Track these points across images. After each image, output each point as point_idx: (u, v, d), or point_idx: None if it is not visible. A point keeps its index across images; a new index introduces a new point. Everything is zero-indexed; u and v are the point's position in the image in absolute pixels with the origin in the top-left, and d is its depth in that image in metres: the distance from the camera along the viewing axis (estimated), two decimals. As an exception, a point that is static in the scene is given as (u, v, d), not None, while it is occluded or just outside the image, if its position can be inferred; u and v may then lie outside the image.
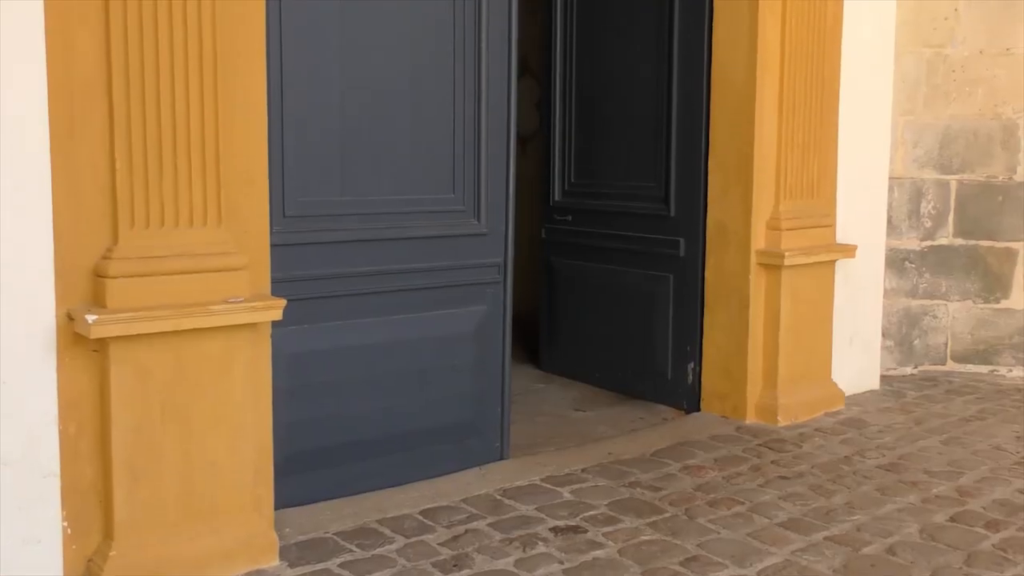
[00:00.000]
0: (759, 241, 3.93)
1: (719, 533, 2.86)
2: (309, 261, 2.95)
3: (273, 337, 2.64)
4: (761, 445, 3.70)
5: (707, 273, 4.07)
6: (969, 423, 4.09)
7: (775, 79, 3.89)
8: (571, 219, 4.59)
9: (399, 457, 3.20)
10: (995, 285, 4.89)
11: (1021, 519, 3.01)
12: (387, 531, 2.82)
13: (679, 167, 4.10)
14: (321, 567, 2.58)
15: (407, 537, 2.78)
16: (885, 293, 4.76)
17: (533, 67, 5.43)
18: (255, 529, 2.59)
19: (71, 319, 2.31)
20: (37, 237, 2.29)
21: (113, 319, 2.28)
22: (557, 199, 4.69)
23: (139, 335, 2.34)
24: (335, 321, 3.04)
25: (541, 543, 2.77)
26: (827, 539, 2.83)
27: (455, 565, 2.61)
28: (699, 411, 4.12)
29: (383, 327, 3.15)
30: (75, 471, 2.37)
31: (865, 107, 4.40)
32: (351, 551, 2.68)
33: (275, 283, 2.68)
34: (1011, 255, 4.85)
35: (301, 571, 2.56)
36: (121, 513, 2.38)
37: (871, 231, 4.52)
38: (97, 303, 2.34)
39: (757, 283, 3.95)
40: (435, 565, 2.61)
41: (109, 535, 2.39)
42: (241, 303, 2.49)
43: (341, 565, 2.60)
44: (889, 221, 4.77)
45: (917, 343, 4.96)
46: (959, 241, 4.90)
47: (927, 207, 4.88)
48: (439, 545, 2.74)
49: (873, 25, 4.41)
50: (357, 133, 3.04)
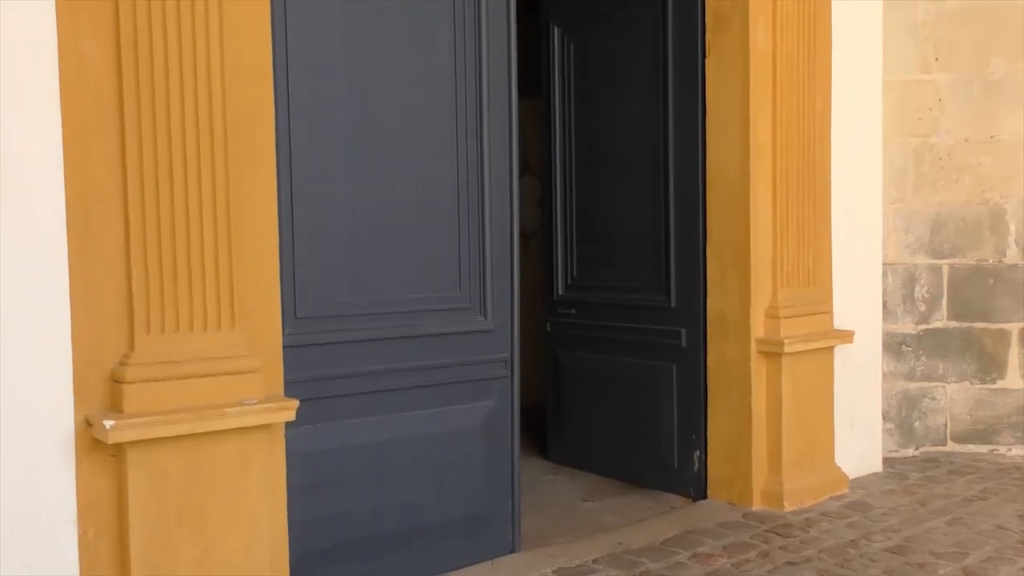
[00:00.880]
0: (759, 329, 4.00)
1: (732, 625, 2.86)
2: (321, 361, 3.00)
3: (287, 436, 2.69)
4: (768, 531, 3.71)
5: (709, 362, 4.13)
6: (972, 503, 4.10)
7: (768, 170, 4.02)
8: (575, 312, 4.68)
9: (412, 552, 3.21)
10: (991, 366, 4.95)
11: (1032, 604, 3.01)
12: (400, 630, 2.82)
13: (678, 258, 4.20)
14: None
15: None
16: (884, 376, 4.82)
17: (534, 164, 5.58)
18: (271, 629, 2.59)
19: (89, 424, 2.36)
20: (57, 345, 2.35)
21: (130, 424, 2.32)
22: (561, 293, 4.78)
23: (156, 439, 2.38)
24: (346, 419, 3.08)
25: (554, 639, 2.76)
26: (840, 629, 2.83)
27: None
28: (706, 498, 4.14)
29: (393, 424, 3.19)
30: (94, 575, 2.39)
31: (856, 196, 4.53)
32: (365, 652, 2.67)
33: (288, 384, 2.73)
34: (1005, 336, 4.93)
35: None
36: (138, 617, 2.39)
37: (868, 316, 4.61)
38: (114, 408, 2.38)
39: (758, 371, 4.01)
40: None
41: (126, 639, 2.39)
42: (255, 405, 2.53)
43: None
44: (885, 306, 4.86)
45: (917, 425, 5.00)
46: (953, 324, 4.98)
47: (921, 291, 4.98)
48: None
49: (860, 117, 4.57)
50: (365, 231, 3.12)
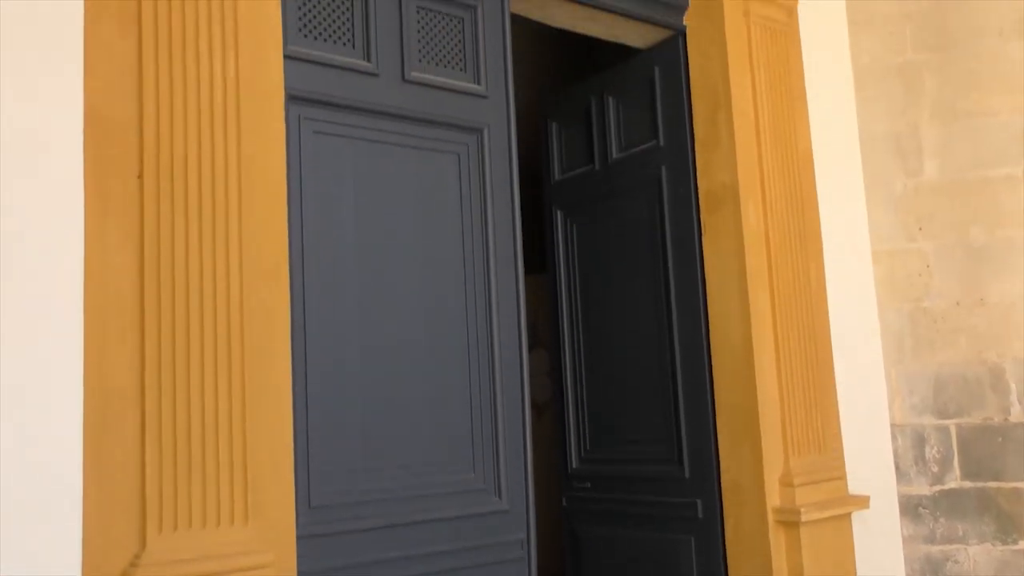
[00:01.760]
0: (774, 498, 4.00)
1: None
2: (334, 551, 3.00)
3: (304, 629, 2.65)
4: None
5: (727, 533, 4.09)
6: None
7: (770, 339, 4.13)
8: (590, 485, 4.67)
9: None
10: (1010, 527, 4.89)
11: None
12: None
13: (689, 428, 4.24)
14: None
15: None
16: (904, 540, 4.75)
17: (543, 337, 5.70)
18: None
19: (104, 626, 2.34)
20: (67, 548, 2.37)
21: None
22: (575, 466, 4.79)
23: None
24: (361, 609, 3.04)
25: None
26: None
27: None
28: (734, 677, 4.00)
29: (411, 612, 3.14)
30: None
31: (858, 360, 4.63)
32: None
33: (301, 575, 2.72)
34: (1020, 496, 4.89)
35: None
36: None
37: (881, 480, 4.60)
38: (126, 607, 2.38)
39: (777, 541, 3.97)
40: None
41: None
42: (270, 600, 2.52)
43: None
44: (897, 468, 4.86)
45: (944, 591, 4.89)
46: (968, 484, 4.95)
47: (931, 452, 4.98)
48: None
49: (854, 284, 4.74)
50: (378, 414, 3.19)
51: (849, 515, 4.23)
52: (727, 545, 4.09)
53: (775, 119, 4.31)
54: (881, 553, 4.50)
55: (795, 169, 4.38)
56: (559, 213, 4.95)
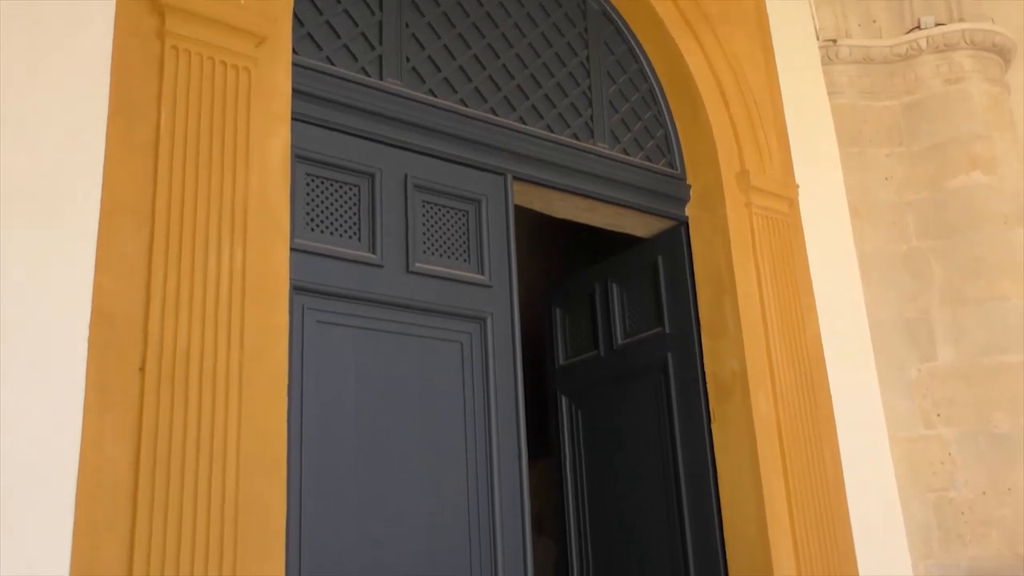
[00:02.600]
0: None
1: None
2: None
3: None
4: None
5: None
6: None
7: (787, 531, 3.98)
8: None
9: None
10: None
11: None
12: None
13: (704, 629, 4.03)
14: None
15: None
16: None
17: (548, 527, 5.54)
18: None
19: None
20: None
21: None
22: (583, 668, 4.54)
23: None
24: None
25: None
26: None
27: None
28: None
29: None
30: None
31: (883, 553, 4.44)
32: None
33: None
34: None
35: None
36: None
37: None
38: None
39: None
40: None
41: None
42: None
43: None
44: (933, 673, 4.55)
45: None
46: None
47: (969, 655, 4.67)
48: None
49: (872, 473, 4.60)
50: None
51: None
52: None
53: (781, 305, 4.34)
54: None
55: (805, 355, 4.37)
56: (564, 399, 4.93)
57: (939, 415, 4.96)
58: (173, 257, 2.75)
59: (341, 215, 3.37)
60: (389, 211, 3.47)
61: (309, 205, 3.30)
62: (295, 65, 3.26)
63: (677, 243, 4.42)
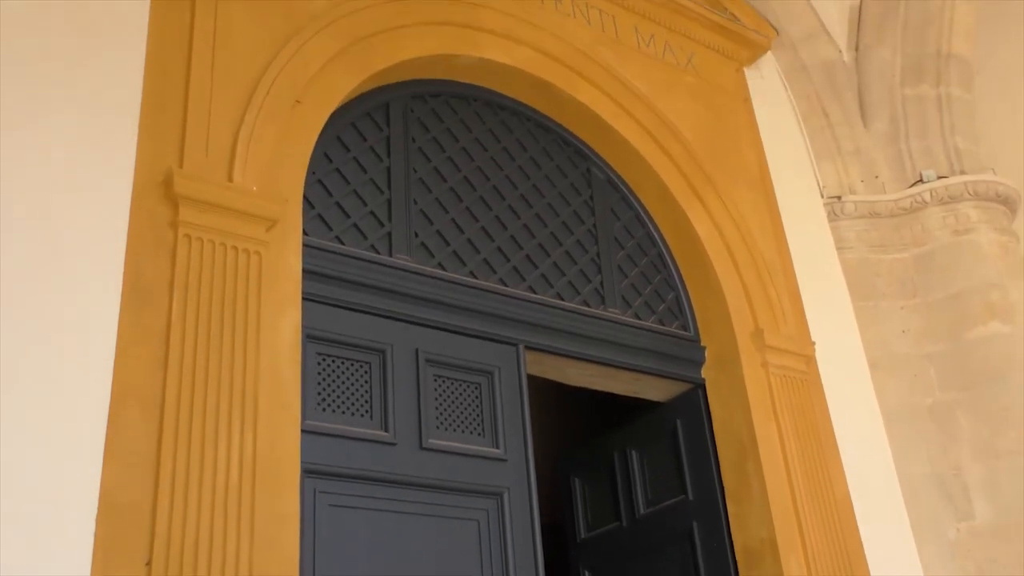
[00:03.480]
0: None
1: None
2: None
3: None
4: None
5: None
6: None
7: None
8: None
9: None
10: None
11: None
12: None
13: None
14: None
15: None
16: None
17: None
18: None
19: None
20: None
21: None
22: None
23: None
24: None
25: None
26: None
27: None
28: None
29: None
30: None
31: None
32: None
33: None
34: None
35: None
36: None
37: None
38: None
39: None
40: None
41: None
42: None
43: None
44: None
45: None
46: None
47: None
48: None
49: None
50: None
51: None
52: None
53: (807, 466, 4.21)
54: None
55: (835, 517, 4.20)
56: (586, 573, 4.72)
57: (982, 576, 4.73)
58: (182, 444, 2.71)
59: (352, 393, 3.34)
60: (401, 387, 3.43)
61: (320, 385, 3.27)
62: (305, 246, 3.30)
63: (695, 406, 4.34)
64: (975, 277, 5.05)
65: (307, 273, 3.27)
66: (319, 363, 3.29)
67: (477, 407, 3.63)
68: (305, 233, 3.35)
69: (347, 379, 3.35)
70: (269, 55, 3.41)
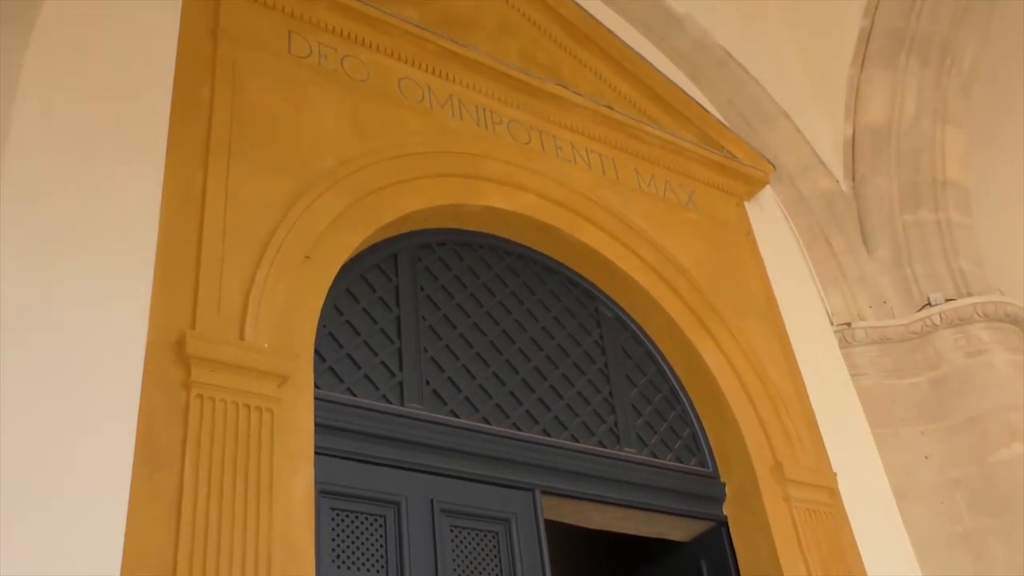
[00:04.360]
0: None
1: None
2: None
3: None
4: None
5: None
6: None
7: None
8: None
9: None
10: None
11: None
12: None
13: None
14: None
15: None
16: None
17: None
18: None
19: None
20: None
21: None
22: None
23: None
24: None
25: None
26: None
27: None
28: None
29: None
30: None
31: None
32: None
33: None
34: None
35: None
36: None
37: None
38: None
39: None
40: None
41: None
42: None
43: None
44: None
45: None
46: None
47: None
48: None
49: None
50: None
51: None
52: None
53: (840, 609, 4.06)
54: None
55: (872, 657, 4.02)
56: None
57: None
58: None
59: (368, 548, 3.27)
60: (416, 540, 3.36)
61: (335, 540, 3.21)
62: (317, 399, 3.30)
63: (719, 545, 4.22)
64: (993, 399, 4.99)
65: (319, 427, 3.26)
66: (332, 518, 3.24)
67: (495, 557, 3.54)
68: (317, 386, 3.35)
69: (362, 533, 3.29)
70: (279, 213, 3.50)
